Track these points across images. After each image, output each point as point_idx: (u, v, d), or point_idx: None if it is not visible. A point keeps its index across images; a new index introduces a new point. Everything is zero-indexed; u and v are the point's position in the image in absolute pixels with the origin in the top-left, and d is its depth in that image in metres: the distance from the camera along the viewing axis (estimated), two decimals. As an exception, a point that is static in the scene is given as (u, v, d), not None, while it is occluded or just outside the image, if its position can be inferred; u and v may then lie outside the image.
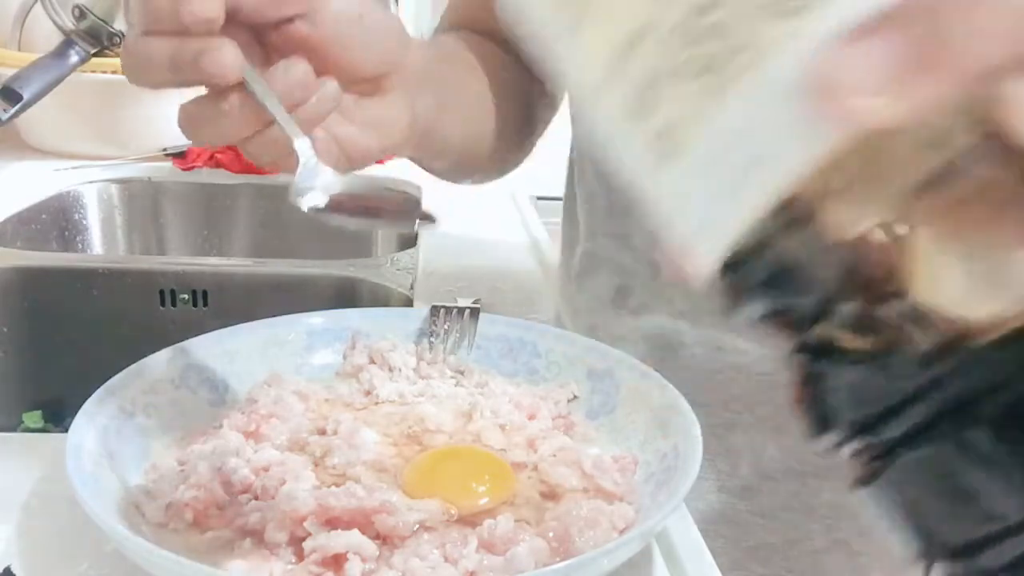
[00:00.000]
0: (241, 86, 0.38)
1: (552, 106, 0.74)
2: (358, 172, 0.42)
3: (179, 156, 1.11)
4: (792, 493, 0.57)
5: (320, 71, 0.41)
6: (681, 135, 0.20)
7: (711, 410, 0.57)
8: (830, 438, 0.26)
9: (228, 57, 0.37)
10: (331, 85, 0.41)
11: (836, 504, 0.56)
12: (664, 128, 0.20)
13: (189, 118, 0.41)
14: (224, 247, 1.13)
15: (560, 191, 1.42)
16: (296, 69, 0.39)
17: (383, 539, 0.37)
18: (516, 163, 0.71)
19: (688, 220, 0.21)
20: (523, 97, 0.69)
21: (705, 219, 0.21)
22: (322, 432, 0.46)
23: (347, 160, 0.44)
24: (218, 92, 0.39)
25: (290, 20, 0.40)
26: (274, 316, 0.53)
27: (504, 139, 0.65)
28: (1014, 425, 0.24)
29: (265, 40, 0.41)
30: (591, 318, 0.64)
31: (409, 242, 0.94)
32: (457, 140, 0.60)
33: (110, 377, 0.45)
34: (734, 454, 0.58)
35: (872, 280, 0.22)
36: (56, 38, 1.01)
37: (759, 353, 0.55)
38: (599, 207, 0.61)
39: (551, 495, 0.42)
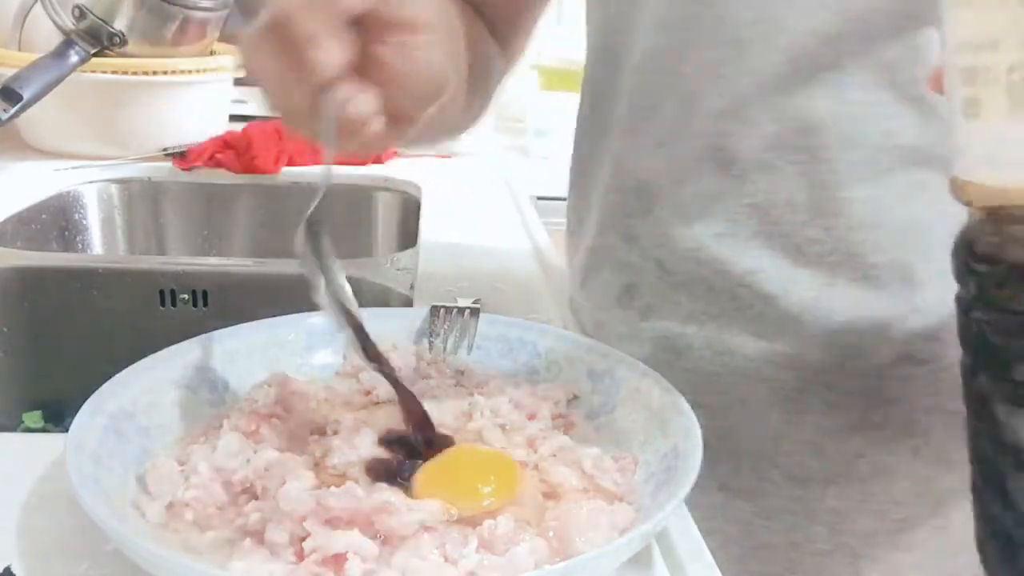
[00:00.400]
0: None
1: (505, 73, 0.74)
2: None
3: (179, 156, 1.11)
4: (795, 497, 0.57)
5: (376, 87, 0.42)
6: (981, 109, 0.30)
7: (714, 412, 0.56)
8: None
9: (335, 57, 0.38)
10: (378, 126, 0.42)
11: (840, 510, 0.56)
12: (970, 98, 0.30)
13: (256, 51, 0.41)
14: (224, 247, 1.14)
15: (560, 192, 1.41)
16: (368, 104, 0.41)
17: (383, 539, 0.37)
18: (468, 129, 0.71)
19: (965, 158, 0.31)
20: (489, 63, 0.68)
21: (976, 167, 0.31)
22: (322, 432, 0.46)
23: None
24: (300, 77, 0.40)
25: (387, 44, 0.41)
26: (274, 316, 0.53)
27: (470, 111, 0.66)
28: None
29: (362, 37, 0.42)
30: (597, 315, 0.64)
31: (409, 242, 0.94)
32: (436, 132, 0.62)
33: (110, 377, 0.45)
34: (736, 457, 0.57)
35: None
36: (56, 38, 1.01)
37: (765, 359, 0.55)
38: (614, 202, 0.61)
39: (551, 495, 0.42)
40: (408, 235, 1.05)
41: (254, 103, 1.40)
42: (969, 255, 0.32)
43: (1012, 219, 0.30)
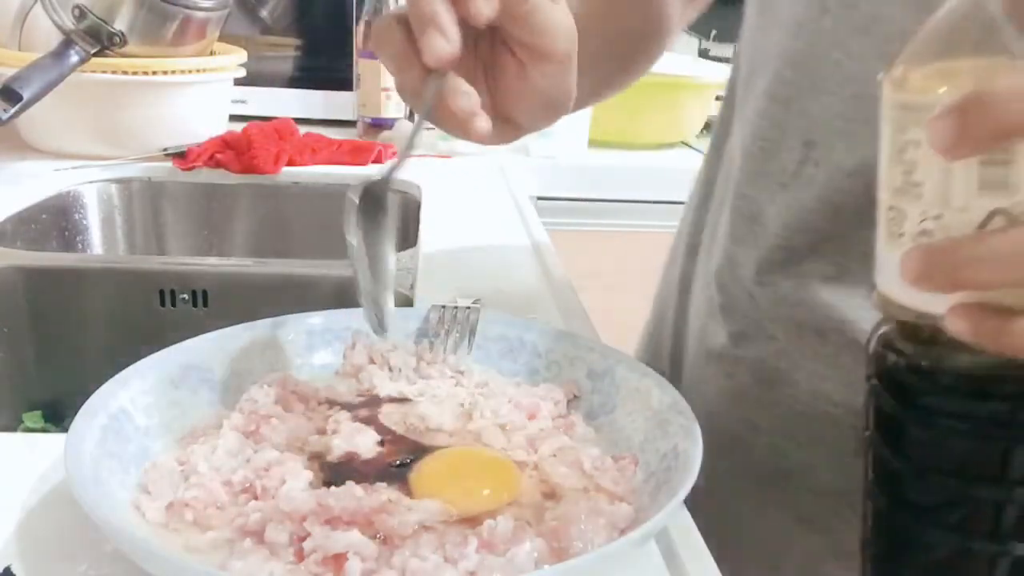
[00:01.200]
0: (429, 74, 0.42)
1: (652, 60, 0.72)
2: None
3: (179, 156, 1.11)
4: None
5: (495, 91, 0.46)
6: (878, 228, 0.35)
7: (800, 445, 0.55)
8: None
9: (443, 47, 0.41)
10: (485, 124, 0.43)
11: None
12: (875, 217, 0.36)
13: (387, 28, 0.44)
14: (224, 247, 1.14)
15: (560, 193, 1.41)
16: (467, 101, 0.42)
17: (383, 539, 0.37)
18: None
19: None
20: (630, 48, 0.68)
21: (876, 272, 0.36)
22: (322, 432, 0.46)
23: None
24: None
25: (514, 61, 0.45)
26: (274, 316, 0.53)
27: (597, 91, 0.67)
28: None
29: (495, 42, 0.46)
30: (698, 321, 0.63)
31: (409, 242, 0.94)
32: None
33: (110, 377, 0.45)
34: (816, 492, 0.56)
35: None
36: (56, 38, 1.01)
37: (851, 408, 0.52)
38: (728, 223, 0.59)
39: (551, 495, 0.42)
40: (408, 235, 1.05)
41: (254, 103, 1.40)
42: (874, 341, 0.38)
43: (893, 320, 0.36)
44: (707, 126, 1.61)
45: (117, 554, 0.38)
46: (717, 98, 1.43)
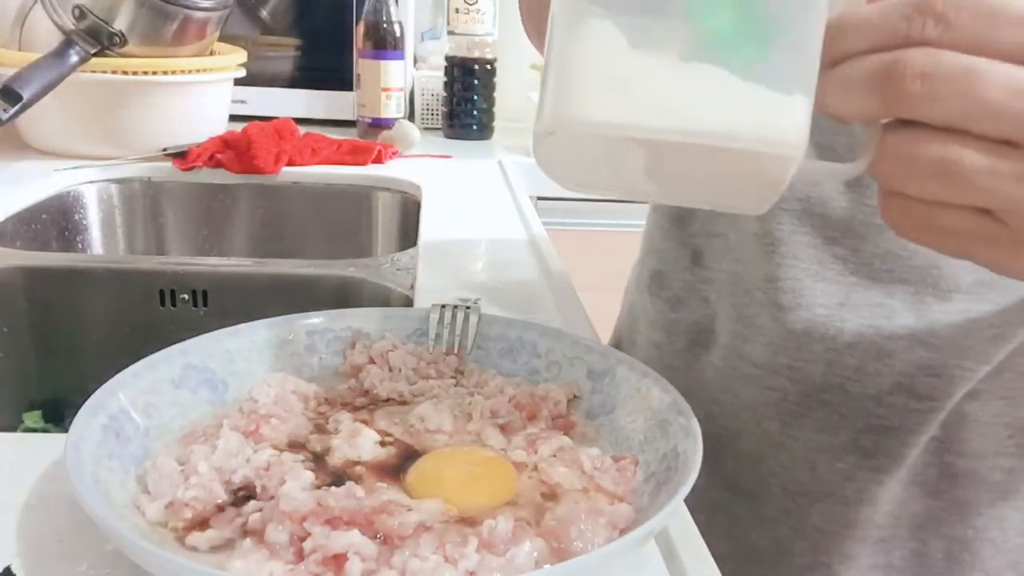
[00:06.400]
0: None
1: None
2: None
3: (179, 156, 1.11)
4: (786, 509, 0.58)
5: None
6: None
7: (725, 412, 0.58)
8: None
9: None
10: None
11: (822, 528, 0.57)
12: None
13: None
14: (224, 247, 1.14)
15: (559, 193, 1.43)
16: None
17: (383, 539, 0.37)
18: None
19: None
20: None
21: None
22: (322, 432, 0.46)
23: None
24: None
25: None
26: (274, 316, 0.53)
27: None
28: None
29: None
30: (629, 297, 0.67)
31: (409, 242, 0.94)
32: None
33: (110, 377, 0.45)
34: (739, 459, 0.58)
35: None
36: (56, 38, 1.01)
37: (771, 368, 0.55)
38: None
39: (551, 495, 0.42)
40: (408, 235, 1.05)
41: (254, 103, 1.40)
42: None
43: None
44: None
45: (117, 554, 0.38)
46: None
